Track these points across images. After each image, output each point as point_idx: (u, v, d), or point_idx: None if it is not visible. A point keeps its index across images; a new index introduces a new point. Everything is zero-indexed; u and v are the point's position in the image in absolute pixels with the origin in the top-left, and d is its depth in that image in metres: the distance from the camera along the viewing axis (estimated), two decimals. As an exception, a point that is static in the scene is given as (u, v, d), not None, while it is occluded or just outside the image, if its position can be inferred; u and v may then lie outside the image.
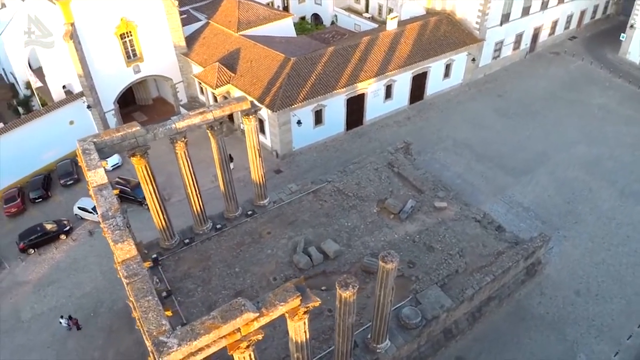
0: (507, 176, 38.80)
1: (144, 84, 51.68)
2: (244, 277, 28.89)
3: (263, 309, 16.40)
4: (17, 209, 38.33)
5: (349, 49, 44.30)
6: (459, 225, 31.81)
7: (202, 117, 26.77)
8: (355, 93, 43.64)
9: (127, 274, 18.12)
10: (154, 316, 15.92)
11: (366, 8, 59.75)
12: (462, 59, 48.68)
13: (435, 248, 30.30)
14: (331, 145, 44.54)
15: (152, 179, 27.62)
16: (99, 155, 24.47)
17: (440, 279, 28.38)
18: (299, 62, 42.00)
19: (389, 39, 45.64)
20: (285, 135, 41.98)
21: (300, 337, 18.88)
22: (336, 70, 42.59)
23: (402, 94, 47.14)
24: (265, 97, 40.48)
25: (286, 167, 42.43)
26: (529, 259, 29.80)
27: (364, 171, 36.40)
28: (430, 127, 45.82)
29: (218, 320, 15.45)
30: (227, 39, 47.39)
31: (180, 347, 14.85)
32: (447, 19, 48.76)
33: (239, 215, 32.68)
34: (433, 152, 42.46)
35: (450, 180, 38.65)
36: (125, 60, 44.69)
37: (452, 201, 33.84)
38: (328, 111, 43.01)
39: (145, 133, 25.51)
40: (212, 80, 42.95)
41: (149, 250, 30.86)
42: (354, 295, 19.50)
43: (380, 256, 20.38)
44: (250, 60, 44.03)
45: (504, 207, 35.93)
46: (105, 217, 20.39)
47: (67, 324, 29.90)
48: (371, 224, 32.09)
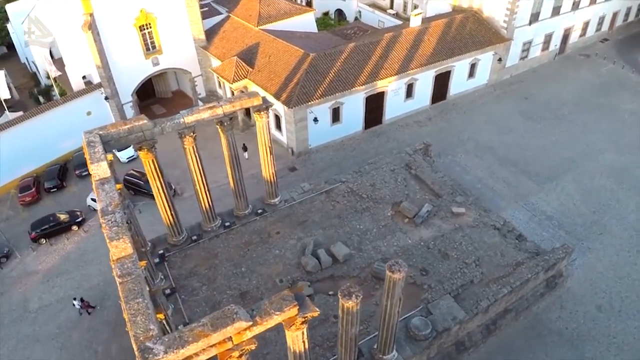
0: (531, 182, 36.96)
1: (164, 76, 51.52)
2: (250, 277, 28.14)
3: (257, 317, 15.53)
4: (31, 198, 38.52)
5: (370, 45, 43.01)
6: (476, 233, 30.34)
7: (211, 112, 26.05)
8: (375, 91, 42.34)
9: (120, 272, 17.49)
10: (142, 320, 15.22)
11: (391, 4, 58.21)
12: (488, 59, 46.77)
13: (450, 256, 28.94)
14: (348, 144, 43.40)
15: (160, 174, 27.09)
16: (105, 148, 24.11)
17: (454, 288, 27.03)
18: (318, 58, 40.96)
19: (412, 36, 44.14)
20: (301, 132, 41.04)
21: (298, 347, 17.96)
22: (356, 67, 41.37)
23: (424, 94, 45.59)
24: (281, 93, 39.61)
25: (301, 165, 41.52)
26: (549, 270, 28.16)
27: (380, 172, 35.19)
28: (452, 128, 44.18)
29: (208, 328, 14.63)
30: (247, 33, 46.70)
31: (167, 354, 14.09)
32: (473, 16, 46.90)
33: (249, 214, 31.95)
34: (454, 154, 40.87)
35: (470, 185, 37.07)
36: (144, 52, 44.49)
37: (470, 207, 32.36)
38: (346, 109, 41.85)
39: (153, 126, 24.93)
40: (230, 75, 42.31)
41: (157, 245, 30.57)
42: (357, 306, 18.48)
43: (388, 265, 19.26)
44: (269, 55, 43.22)
45: (525, 215, 34.19)
46: (105, 212, 19.82)
47: (80, 307, 29.86)
48: (384, 228, 30.91)
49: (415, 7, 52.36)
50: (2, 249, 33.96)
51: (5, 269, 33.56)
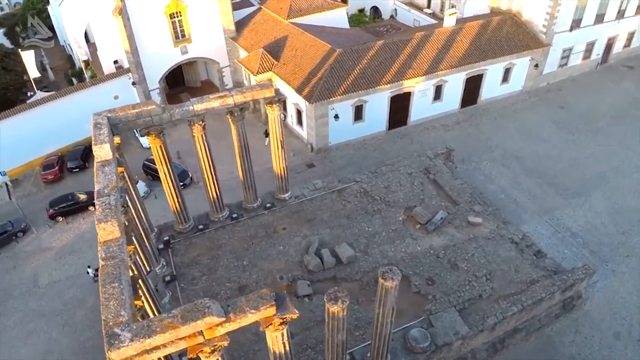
0: (558, 196, 34.81)
1: (194, 65, 51.87)
2: (251, 271, 27.66)
3: (231, 314, 14.90)
4: (53, 176, 39.48)
5: (399, 43, 41.72)
6: (491, 245, 28.75)
7: (221, 101, 25.69)
8: (401, 91, 41.04)
9: (105, 255, 17.27)
10: (114, 304, 14.88)
11: (428, 3, 56.52)
12: (524, 64, 44.50)
13: (460, 267, 27.51)
14: (370, 144, 42.30)
15: (168, 160, 27.04)
16: (113, 130, 24.18)
17: (461, 302, 25.62)
18: (344, 54, 40.05)
19: (444, 36, 42.52)
20: (321, 128, 40.28)
21: (278, 348, 17.26)
22: (382, 65, 40.20)
23: (453, 96, 43.89)
24: (304, 88, 38.97)
25: (319, 162, 40.77)
26: (566, 291, 26.30)
27: (396, 174, 34.01)
28: (480, 134, 42.31)
29: (178, 320, 14.12)
30: (277, 25, 46.32)
31: (133, 342, 13.68)
32: (511, 19, 44.69)
33: (257, 207, 31.51)
34: (478, 161, 39.08)
35: (492, 195, 35.31)
36: (173, 40, 44.86)
37: (488, 217, 30.74)
38: (369, 107, 40.76)
39: (161, 112, 24.78)
40: (254, 67, 42.03)
41: (163, 231, 30.60)
42: (343, 311, 17.59)
43: (381, 272, 18.25)
44: (295, 49, 42.67)
45: (549, 230, 32.18)
46: (101, 194, 19.69)
47: (94, 275, 30.30)
48: (394, 232, 29.77)
49: (452, 7, 50.51)
50: (20, 224, 34.92)
51: (20, 244, 34.50)
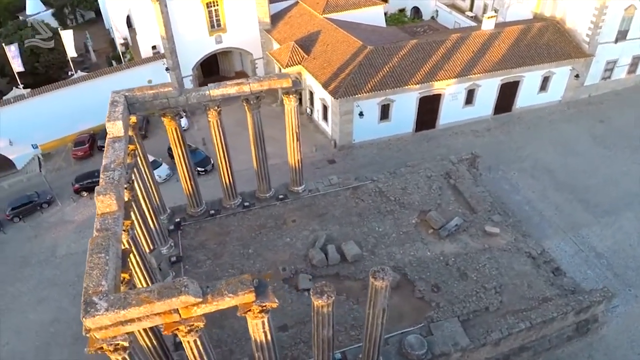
0: (587, 213, 32.88)
1: (229, 55, 52.48)
2: (255, 260, 27.59)
3: (209, 295, 14.75)
4: (83, 153, 40.94)
5: (433, 44, 40.63)
6: (506, 257, 27.42)
7: (238, 88, 25.68)
8: (431, 92, 39.97)
9: (99, 227, 17.62)
10: (97, 274, 15.00)
11: (470, 6, 54.81)
12: (564, 74, 42.32)
13: (469, 276, 26.37)
14: (394, 144, 41.45)
15: (182, 143, 27.28)
16: (130, 109, 24.65)
17: (465, 312, 24.54)
18: (375, 52, 39.39)
19: (481, 39, 41.05)
20: (345, 125, 39.79)
21: (259, 336, 16.99)
22: (413, 65, 39.25)
23: (486, 102, 42.34)
24: (330, 83, 38.60)
25: (341, 159, 40.30)
26: (581, 313, 24.70)
27: (415, 177, 33.07)
28: (511, 143, 40.61)
29: (154, 295, 14.09)
30: (311, 20, 46.17)
31: (107, 312, 13.76)
32: (554, 26, 42.58)
33: (270, 197, 31.41)
34: (506, 170, 37.51)
35: (516, 206, 33.83)
36: (208, 29, 45.50)
37: (507, 228, 29.34)
38: (396, 107, 39.91)
39: (178, 95, 25.03)
40: (284, 59, 42.04)
41: (176, 213, 31.00)
42: (328, 307, 17.15)
43: (372, 271, 17.66)
44: (327, 44, 42.36)
45: (572, 248, 30.44)
46: (106, 168, 20.04)
47: None
48: (404, 235, 28.94)
49: (495, 12, 48.78)
50: (46, 196, 36.38)
51: (44, 214, 35.92)
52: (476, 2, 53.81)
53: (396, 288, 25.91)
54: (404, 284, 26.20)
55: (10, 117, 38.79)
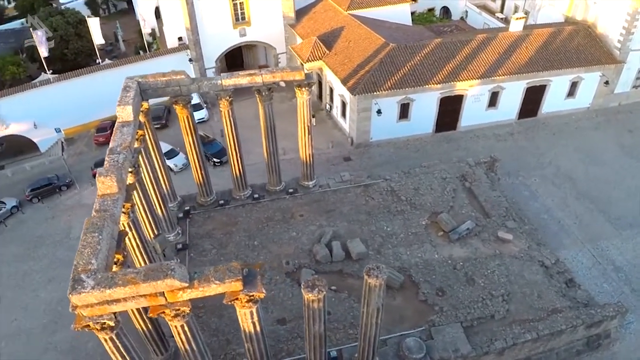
0: (608, 224, 31.44)
1: (254, 49, 52.67)
2: (260, 252, 27.49)
3: (196, 281, 14.69)
4: (105, 139, 41.68)
5: (457, 44, 39.67)
6: (517, 265, 26.48)
7: (250, 78, 25.65)
8: (452, 93, 39.03)
9: (98, 207, 17.76)
10: (88, 253, 15.10)
11: (501, 8, 53.36)
12: (594, 80, 40.64)
13: (476, 282, 25.57)
14: (413, 145, 40.68)
15: (194, 131, 27.40)
16: (143, 95, 24.90)
17: (469, 319, 23.80)
18: (397, 49, 38.73)
19: (508, 40, 39.83)
20: (363, 123, 39.27)
21: (248, 326, 16.85)
22: (435, 65, 38.39)
23: (510, 106, 41.06)
24: (349, 79, 38.16)
25: (357, 157, 39.81)
26: (593, 327, 23.61)
27: (429, 177, 32.34)
28: (534, 148, 39.26)
29: (140, 276, 14.12)
30: (336, 16, 45.83)
31: (93, 290, 13.85)
32: (585, 30, 40.91)
33: (280, 190, 31.30)
34: (526, 176, 36.28)
35: (534, 213, 32.69)
36: (232, 22, 45.72)
37: (521, 235, 28.37)
38: (416, 107, 39.14)
39: (190, 83, 25.18)
40: (305, 54, 41.82)
41: (186, 202, 31.22)
42: (319, 302, 16.79)
43: (366, 268, 17.24)
44: (349, 40, 41.93)
45: (590, 260, 29.15)
46: (112, 151, 20.26)
47: None
48: (413, 236, 28.31)
49: (526, 14, 47.30)
50: (65, 179, 37.25)
51: (63, 197, 36.80)
52: (507, 4, 52.39)
53: (400, 289, 25.42)
54: (408, 286, 25.61)
55: (35, 100, 39.95)
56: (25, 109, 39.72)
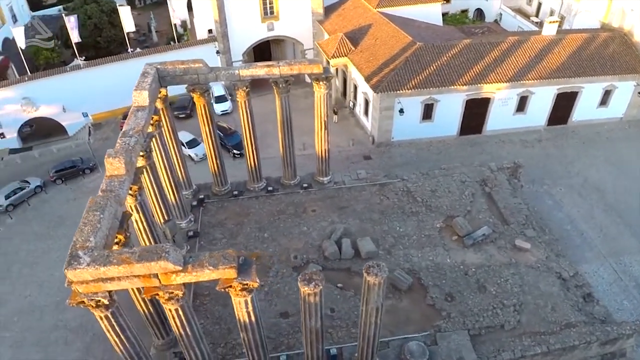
0: (634, 240, 29.91)
1: (282, 44, 52.73)
2: (269, 244, 27.34)
3: (190, 265, 14.60)
4: (129, 125, 42.51)
5: (487, 45, 38.59)
6: (532, 275, 25.44)
7: (267, 70, 25.55)
8: (479, 95, 37.99)
9: (104, 188, 18.01)
10: (88, 230, 15.32)
11: (537, 12, 51.68)
12: (628, 89, 38.80)
13: (488, 290, 24.69)
14: (435, 147, 39.83)
15: (211, 120, 27.52)
16: (161, 82, 25.15)
17: (477, 327, 22.99)
18: (424, 49, 37.98)
19: (539, 44, 38.47)
20: (385, 122, 38.68)
21: (242, 315, 16.68)
22: (462, 66, 37.44)
23: (540, 111, 39.68)
24: (373, 77, 37.64)
25: (377, 156, 39.26)
26: (607, 345, 22.43)
27: (447, 180, 31.51)
28: (562, 157, 37.80)
29: (135, 256, 14.13)
30: (365, 13, 45.37)
31: (88, 267, 13.99)
32: (621, 38, 39.05)
33: (294, 185, 31.14)
34: (551, 185, 34.96)
35: (556, 223, 31.47)
36: (261, 16, 45.82)
37: (540, 245, 27.26)
38: (441, 108, 38.28)
39: (208, 72, 25.25)
40: (330, 50, 41.54)
41: (201, 190, 31.44)
42: (315, 296, 16.45)
43: (366, 266, 16.83)
44: (376, 38, 41.39)
45: (611, 276, 27.81)
46: (125, 134, 20.51)
47: None
48: (426, 238, 27.61)
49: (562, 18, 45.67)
50: (89, 163, 38.16)
51: (85, 180, 37.72)
52: (543, 8, 50.68)
53: (407, 291, 24.84)
54: (417, 289, 24.98)
55: (65, 85, 41.11)
56: (55, 93, 40.92)
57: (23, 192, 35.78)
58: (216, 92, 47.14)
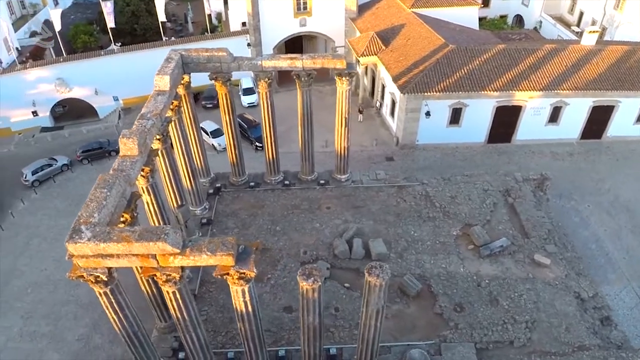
0: (663, 265, 28.33)
1: (314, 41, 52.49)
2: (280, 238, 27.23)
3: (188, 249, 14.52)
4: (157, 111, 43.17)
5: (522, 51, 37.32)
6: (549, 292, 24.39)
7: (290, 62, 25.36)
8: (510, 103, 36.77)
9: (115, 167, 18.08)
10: (93, 206, 15.34)
11: (578, 21, 49.64)
12: (670, 107, 36.79)
13: (500, 303, 23.81)
14: (461, 152, 38.79)
15: (231, 109, 27.54)
16: (185, 69, 25.31)
17: (484, 341, 22.22)
18: (456, 51, 37.06)
19: (577, 54, 36.93)
20: (410, 123, 37.91)
21: (239, 304, 16.55)
22: (495, 71, 36.32)
23: (573, 124, 38.09)
24: (401, 77, 36.97)
25: (400, 158, 38.54)
26: (623, 373, 21.24)
27: (469, 187, 30.62)
28: (593, 173, 36.18)
29: (135, 235, 14.14)
30: (398, 12, 44.70)
31: (89, 242, 14.08)
32: (666, 52, 37.10)
33: (311, 180, 30.90)
34: (579, 202, 33.49)
35: (581, 241, 30.12)
36: (294, 11, 45.78)
37: (560, 262, 26.13)
38: (469, 113, 37.25)
39: (231, 61, 25.30)
40: (360, 48, 41.06)
41: (219, 179, 31.58)
42: (314, 292, 16.18)
43: (368, 266, 16.44)
44: (408, 38, 40.68)
45: (633, 300, 26.33)
46: (143, 116, 20.67)
47: None
48: (440, 245, 26.88)
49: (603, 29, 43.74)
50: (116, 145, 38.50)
51: (111, 161, 37.78)
52: (584, 18, 48.64)
53: (416, 298, 24.22)
54: (426, 296, 24.34)
55: (98, 68, 42.08)
56: (89, 75, 41.98)
57: (50, 169, 36.84)
58: (244, 85, 47.44)
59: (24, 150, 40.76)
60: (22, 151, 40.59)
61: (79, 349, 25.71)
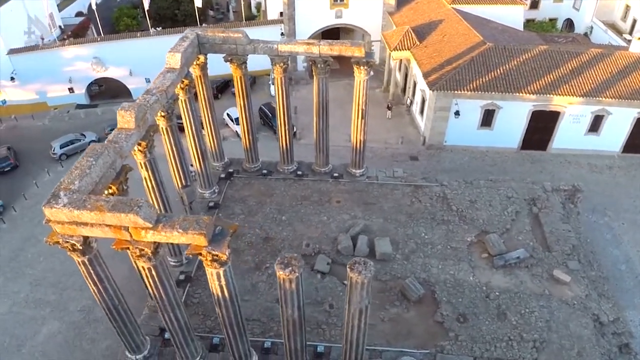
0: (700, 295, 25.54)
1: (351, 34, 51.47)
2: (284, 228, 26.55)
3: (160, 225, 14.06)
4: (188, 95, 43.58)
5: (564, 54, 34.84)
6: (564, 312, 22.43)
7: (306, 47, 24.60)
8: (547, 107, 34.43)
9: (110, 138, 17.90)
10: (76, 174, 15.10)
11: (631, 29, 45.91)
12: None
13: (508, 318, 22.10)
14: (491, 157, 36.78)
15: (246, 93, 27.09)
16: (200, 49, 25.09)
17: (486, 356, 20.67)
18: (493, 50, 35.12)
19: (625, 60, 34.06)
20: (439, 123, 36.27)
21: (215, 288, 15.94)
22: (533, 72, 34.10)
23: (615, 135, 35.24)
24: (432, 73, 35.41)
25: (425, 158, 37.00)
26: (638, 409, 19.16)
27: (491, 192, 28.81)
28: (633, 189, 33.33)
29: (108, 205, 13.84)
30: (438, 8, 43.00)
31: (64, 208, 13.85)
32: None
33: (325, 172, 30.01)
34: (614, 218, 30.92)
35: (610, 260, 27.83)
36: (330, 2, 44.95)
37: (581, 280, 24.03)
38: (502, 116, 35.20)
39: (247, 43, 24.86)
40: (393, 42, 39.74)
41: (232, 164, 31.27)
42: (291, 282, 15.33)
43: (351, 261, 15.50)
44: (444, 34, 38.98)
45: (662, 330, 23.91)
46: (148, 92, 20.57)
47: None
48: (451, 250, 25.34)
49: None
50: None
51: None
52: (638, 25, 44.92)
53: (417, 303, 22.90)
54: (428, 302, 22.97)
55: (134, 50, 42.85)
56: (124, 56, 42.84)
57: (78, 144, 37.87)
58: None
59: (57, 125, 42.17)
60: (55, 126, 42.00)
61: (79, 319, 26.15)
